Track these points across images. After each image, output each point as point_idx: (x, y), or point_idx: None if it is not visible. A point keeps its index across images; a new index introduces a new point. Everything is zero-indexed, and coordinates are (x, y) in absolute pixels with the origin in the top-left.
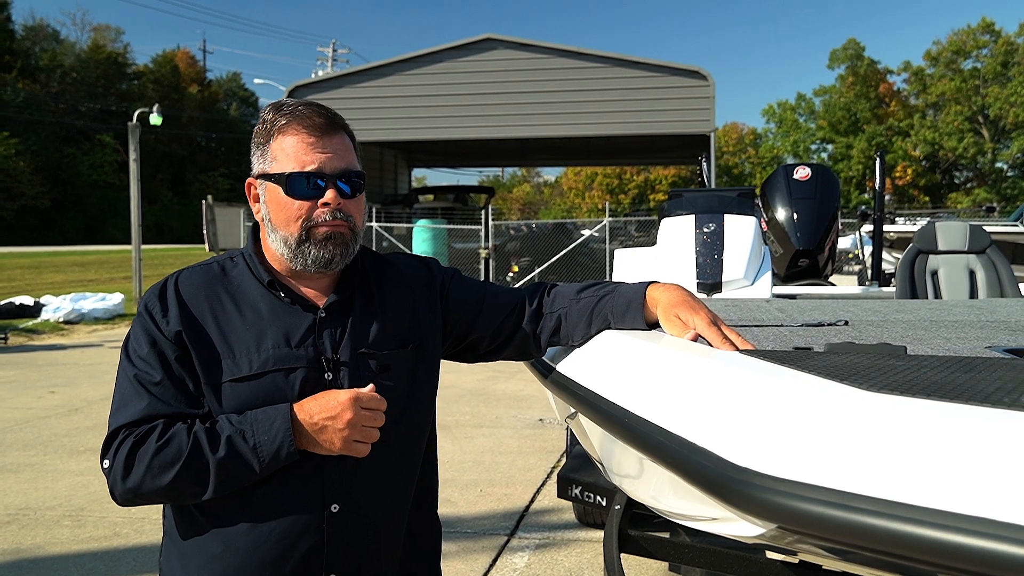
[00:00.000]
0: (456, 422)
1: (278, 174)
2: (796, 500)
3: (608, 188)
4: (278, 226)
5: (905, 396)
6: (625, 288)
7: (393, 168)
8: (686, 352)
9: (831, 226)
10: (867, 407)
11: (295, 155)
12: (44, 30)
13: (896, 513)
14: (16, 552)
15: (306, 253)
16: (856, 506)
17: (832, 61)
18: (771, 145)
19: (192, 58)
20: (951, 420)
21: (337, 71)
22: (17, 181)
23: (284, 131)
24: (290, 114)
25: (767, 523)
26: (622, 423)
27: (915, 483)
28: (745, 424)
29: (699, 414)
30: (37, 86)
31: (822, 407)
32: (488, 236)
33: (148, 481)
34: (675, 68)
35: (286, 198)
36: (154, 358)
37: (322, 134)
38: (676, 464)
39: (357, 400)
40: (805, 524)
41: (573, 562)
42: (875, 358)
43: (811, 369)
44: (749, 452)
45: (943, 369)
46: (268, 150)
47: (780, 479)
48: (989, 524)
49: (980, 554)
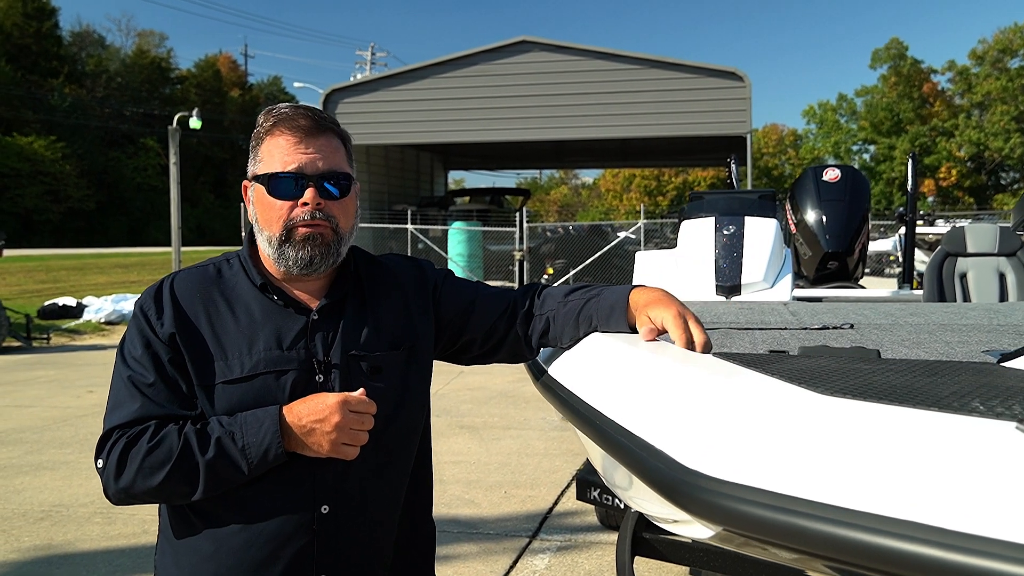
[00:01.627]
0: (484, 423)
1: (263, 175)
2: (737, 503)
3: (646, 190)
4: (263, 226)
5: (854, 400)
6: (609, 292)
7: (429, 170)
8: (656, 354)
9: (861, 228)
10: (813, 410)
11: (279, 156)
12: (90, 36)
13: (828, 516)
14: (47, 548)
15: (287, 254)
16: (793, 509)
17: (874, 61)
18: (812, 146)
19: (234, 62)
20: (890, 424)
21: (373, 74)
22: (64, 184)
23: (271, 132)
24: (277, 116)
25: (715, 525)
26: (593, 424)
27: (847, 485)
28: (699, 426)
29: (660, 416)
30: (83, 91)
31: (771, 410)
32: (523, 238)
33: (139, 481)
34: (711, 69)
35: (269, 198)
36: (148, 359)
37: (306, 135)
38: (634, 465)
39: (345, 403)
40: (746, 527)
41: (594, 565)
42: (843, 362)
43: (773, 372)
44: (700, 454)
45: (907, 373)
46: (258, 152)
47: (724, 481)
48: (915, 527)
49: (901, 556)
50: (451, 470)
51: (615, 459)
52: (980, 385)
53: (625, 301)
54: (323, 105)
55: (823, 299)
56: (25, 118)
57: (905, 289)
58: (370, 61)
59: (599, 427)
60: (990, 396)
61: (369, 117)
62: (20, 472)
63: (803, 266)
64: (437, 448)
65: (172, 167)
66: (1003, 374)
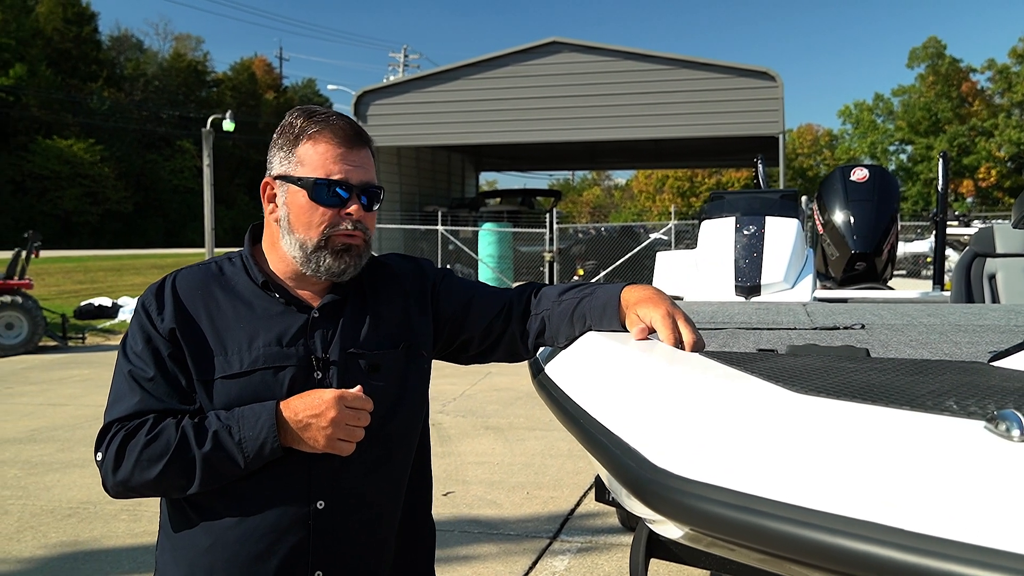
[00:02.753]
0: (510, 424)
1: (304, 178)
2: (701, 502)
3: (679, 191)
4: (296, 229)
5: (826, 398)
6: (602, 291)
7: (460, 172)
8: (643, 353)
9: (890, 229)
10: (782, 408)
11: (323, 163)
12: (129, 40)
13: (790, 516)
14: (74, 544)
15: (320, 260)
16: (756, 509)
17: (912, 60)
18: (847, 147)
19: (269, 65)
20: (858, 423)
21: (405, 76)
22: (102, 186)
23: (314, 138)
24: (323, 122)
25: (681, 525)
26: (576, 422)
27: (812, 485)
28: (671, 424)
29: (637, 414)
30: (122, 94)
31: (742, 408)
32: (553, 239)
33: (137, 474)
34: (743, 69)
35: (309, 203)
36: (148, 354)
37: (351, 146)
38: (608, 463)
39: (341, 399)
40: (710, 527)
41: (613, 567)
42: (828, 360)
43: (752, 370)
44: (671, 453)
45: (890, 372)
46: (294, 154)
47: (689, 480)
48: (877, 529)
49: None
50: (475, 471)
51: (594, 456)
52: (962, 384)
53: (617, 300)
54: (355, 107)
55: (848, 300)
56: (65, 121)
57: (936, 290)
58: (403, 63)
59: (581, 424)
60: (968, 395)
61: (400, 119)
62: (51, 469)
63: (830, 267)
64: (462, 449)
65: (206, 169)
66: (990, 373)
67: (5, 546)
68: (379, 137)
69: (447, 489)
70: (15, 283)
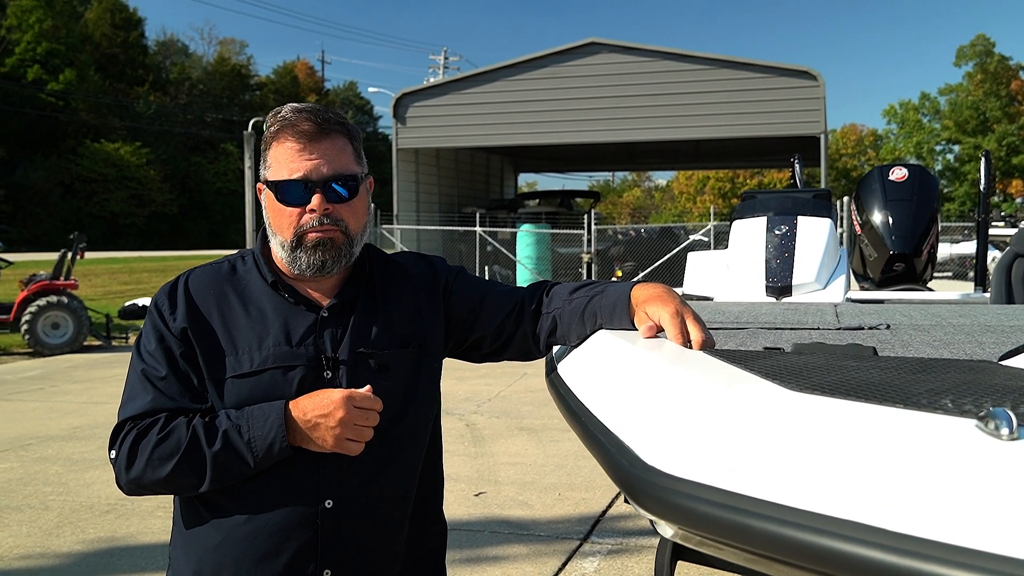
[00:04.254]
0: (544, 425)
1: (272, 181)
2: (688, 501)
3: (720, 192)
4: (275, 231)
5: (821, 396)
6: (612, 289)
7: (499, 173)
8: (649, 351)
9: (929, 229)
10: (775, 406)
11: (285, 162)
12: (174, 45)
13: (776, 516)
14: (111, 540)
15: (299, 259)
16: (744, 508)
17: (959, 58)
18: (892, 147)
19: (311, 69)
20: (850, 421)
21: (445, 78)
22: (148, 189)
23: (276, 138)
24: (281, 120)
25: (670, 524)
26: (579, 420)
27: (800, 484)
28: (666, 422)
29: (635, 412)
30: (167, 98)
31: (734, 405)
32: (591, 241)
33: (149, 472)
34: (783, 69)
35: (278, 204)
36: (160, 353)
37: (310, 140)
38: (604, 461)
39: (350, 399)
40: (697, 526)
41: (643, 569)
42: (832, 359)
43: (752, 368)
44: (663, 451)
45: (893, 371)
46: (267, 157)
47: (675, 478)
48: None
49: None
50: (507, 471)
51: (592, 455)
52: (963, 383)
53: (627, 298)
54: (394, 109)
55: (885, 301)
56: (112, 125)
57: (978, 292)
58: (443, 65)
59: (582, 422)
60: (966, 394)
61: (440, 120)
62: (91, 466)
63: (869, 268)
64: (495, 450)
65: (247, 171)
66: (995, 372)
67: (45, 541)
68: (418, 139)
69: (479, 490)
70: (61, 284)
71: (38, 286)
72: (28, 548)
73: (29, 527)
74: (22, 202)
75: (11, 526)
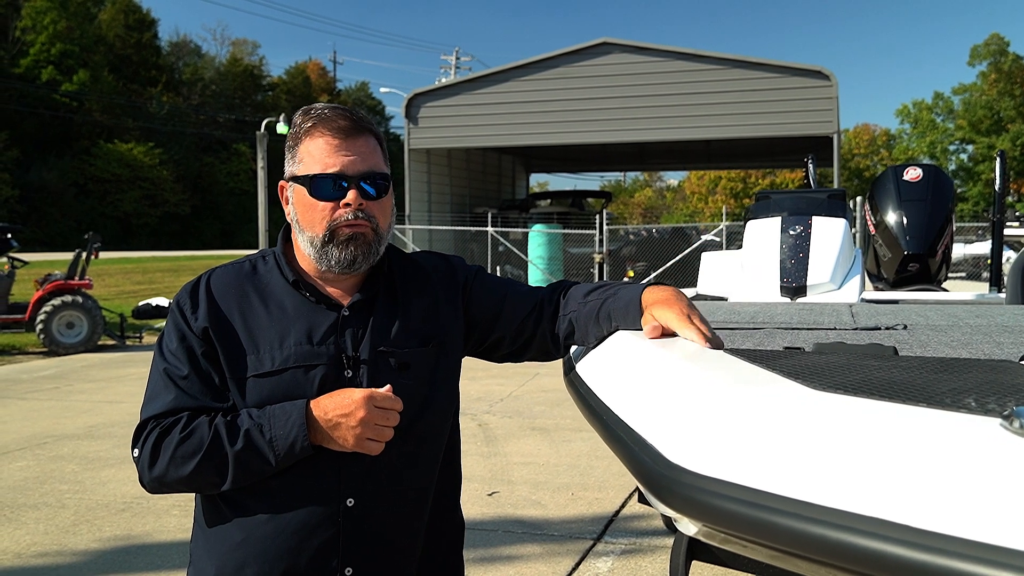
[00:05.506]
0: (556, 425)
1: (304, 176)
2: (713, 498)
3: (732, 192)
4: (304, 227)
5: (844, 395)
6: (624, 291)
7: (511, 173)
8: (667, 351)
9: (944, 229)
10: (798, 405)
11: (320, 157)
12: (187, 45)
13: (801, 513)
14: (127, 538)
15: (330, 254)
16: (768, 506)
17: (973, 58)
18: (905, 147)
19: (323, 69)
20: (873, 419)
21: (457, 78)
22: (161, 189)
23: (310, 134)
24: (316, 117)
25: (695, 521)
26: (600, 418)
27: (825, 482)
28: (687, 420)
29: (656, 410)
30: (180, 99)
31: (758, 404)
32: (603, 241)
33: (171, 470)
34: (796, 68)
35: (311, 199)
36: (182, 352)
37: (346, 136)
38: (627, 459)
39: (371, 399)
40: (722, 523)
41: (657, 569)
42: (853, 358)
43: (773, 367)
44: (686, 449)
45: (914, 370)
46: (296, 153)
47: (699, 476)
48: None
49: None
50: (520, 471)
51: (614, 453)
52: (985, 382)
53: (638, 300)
54: (406, 109)
55: (899, 302)
56: (125, 125)
57: (993, 292)
58: (455, 65)
59: (603, 420)
60: (989, 393)
61: (451, 120)
62: (107, 465)
63: (883, 268)
64: (508, 450)
65: (260, 171)
66: (1016, 371)
67: (62, 539)
68: (430, 139)
69: (492, 489)
70: (76, 283)
71: (53, 286)
72: (46, 546)
73: (46, 525)
74: (36, 202)
75: (28, 524)
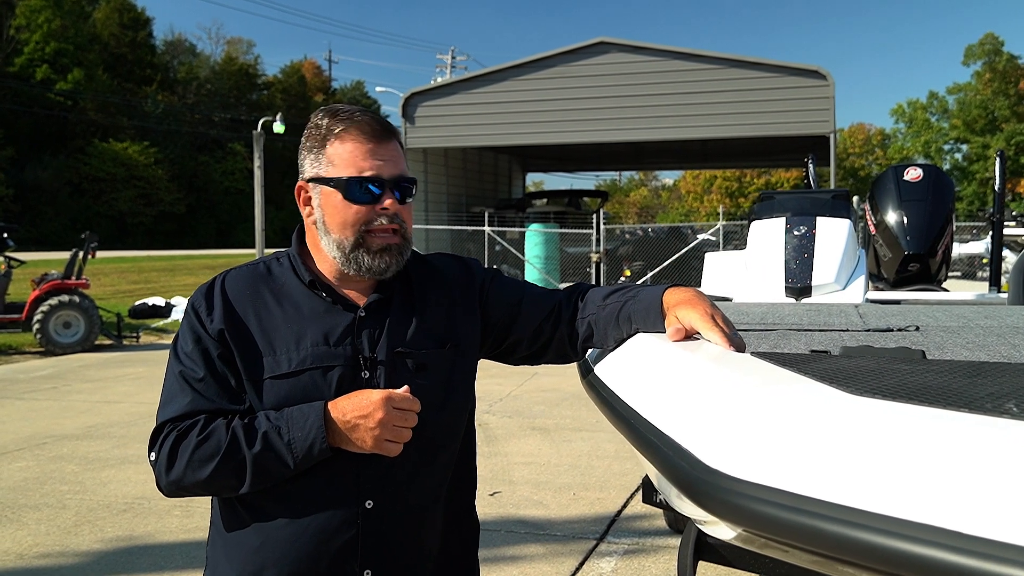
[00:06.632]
0: (556, 425)
1: (336, 178)
2: (756, 503)
3: (727, 191)
4: (332, 230)
5: (883, 400)
6: (645, 293)
7: (507, 173)
8: (692, 354)
9: (944, 229)
10: (838, 410)
11: (353, 160)
12: (182, 44)
13: (846, 518)
14: (129, 539)
15: (360, 260)
16: (812, 511)
17: (968, 57)
18: (900, 146)
19: (318, 68)
20: (916, 424)
21: (453, 77)
22: (156, 188)
23: (342, 136)
24: (348, 120)
25: (734, 526)
26: (628, 422)
27: (868, 487)
28: (724, 425)
29: (688, 414)
30: (175, 98)
31: (797, 409)
32: (600, 240)
33: (189, 474)
34: (792, 68)
35: (344, 202)
36: (198, 355)
37: (379, 140)
38: (661, 463)
39: (389, 400)
40: (764, 528)
41: (660, 569)
42: (883, 362)
43: (805, 371)
44: (724, 453)
45: (947, 374)
46: (323, 155)
47: (741, 481)
48: (936, 532)
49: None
50: (521, 471)
51: (645, 457)
52: (1020, 387)
53: (659, 302)
54: (403, 108)
55: (901, 302)
56: (120, 124)
57: (993, 292)
58: (450, 64)
59: (632, 425)
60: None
61: (448, 120)
62: (107, 465)
63: (883, 268)
64: (508, 449)
65: (256, 170)
66: None
67: (64, 539)
68: (426, 138)
69: (494, 489)
70: (73, 283)
71: (50, 285)
72: (48, 547)
73: (48, 525)
74: (31, 201)
75: (30, 524)
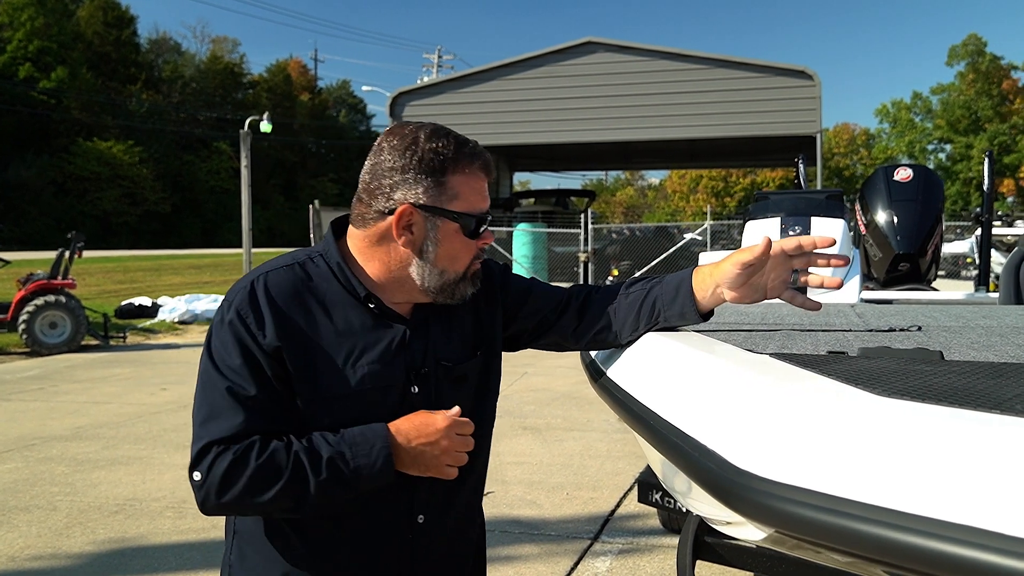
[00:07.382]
0: (547, 425)
1: (460, 213)
2: (789, 504)
3: (713, 191)
4: (440, 261)
5: (912, 401)
6: (672, 276)
7: (495, 172)
8: (711, 354)
9: (934, 229)
10: (868, 411)
11: (476, 196)
12: (167, 43)
13: (881, 519)
14: (121, 541)
15: (459, 290)
16: (845, 511)
17: (951, 58)
18: (884, 146)
19: (304, 67)
20: (948, 426)
21: (440, 77)
22: (141, 187)
23: (464, 169)
24: (472, 154)
25: (767, 527)
26: (648, 425)
27: (902, 488)
28: (752, 427)
29: (714, 416)
30: (160, 96)
31: (826, 411)
32: (588, 240)
33: (247, 498)
34: (779, 68)
35: (462, 238)
36: (247, 371)
37: (487, 176)
38: (687, 466)
39: (453, 427)
40: (797, 529)
41: (655, 568)
42: (903, 363)
43: (829, 373)
44: (753, 455)
45: (970, 375)
46: (447, 184)
47: (776, 483)
48: (974, 532)
49: (957, 561)
50: (514, 471)
51: (669, 460)
52: None
53: (689, 280)
54: (390, 108)
55: (893, 301)
56: (105, 123)
57: (981, 292)
58: (437, 64)
59: (654, 428)
60: None
61: (435, 119)
62: (97, 467)
63: (873, 268)
64: (500, 449)
65: (243, 170)
66: None
67: (55, 542)
68: None
69: (487, 489)
70: (59, 283)
71: (35, 285)
72: (39, 549)
73: (39, 527)
74: (14, 201)
75: (20, 527)
